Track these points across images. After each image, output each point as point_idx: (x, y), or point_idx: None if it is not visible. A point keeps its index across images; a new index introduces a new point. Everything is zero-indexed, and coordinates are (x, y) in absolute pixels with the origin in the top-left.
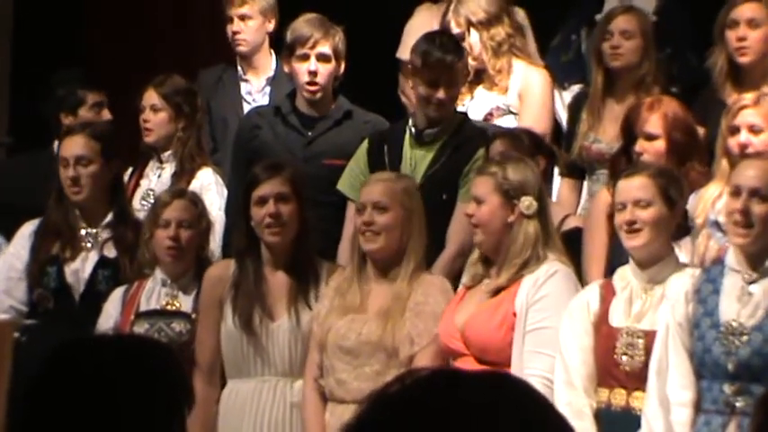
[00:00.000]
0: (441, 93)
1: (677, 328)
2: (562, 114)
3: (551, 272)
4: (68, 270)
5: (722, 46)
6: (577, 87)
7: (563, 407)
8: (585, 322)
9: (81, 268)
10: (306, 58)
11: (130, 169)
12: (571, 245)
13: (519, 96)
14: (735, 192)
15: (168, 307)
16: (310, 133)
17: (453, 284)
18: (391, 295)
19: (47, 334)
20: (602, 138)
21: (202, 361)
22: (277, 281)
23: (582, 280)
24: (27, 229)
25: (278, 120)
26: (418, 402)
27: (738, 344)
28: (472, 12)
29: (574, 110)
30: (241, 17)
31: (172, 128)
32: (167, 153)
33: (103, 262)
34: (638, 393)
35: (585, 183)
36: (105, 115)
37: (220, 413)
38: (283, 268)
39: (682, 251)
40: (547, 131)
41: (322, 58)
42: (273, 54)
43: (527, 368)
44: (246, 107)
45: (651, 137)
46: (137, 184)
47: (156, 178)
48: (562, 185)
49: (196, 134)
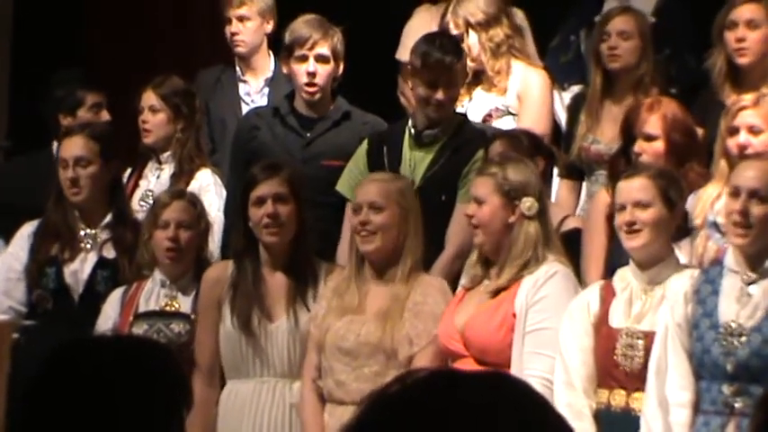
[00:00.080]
0: (440, 94)
1: (676, 329)
2: (561, 115)
3: (551, 273)
4: (67, 271)
5: (721, 47)
6: (577, 88)
7: (563, 408)
8: (585, 323)
9: (80, 269)
10: (304, 59)
11: (129, 170)
12: (570, 246)
13: (518, 97)
14: (734, 193)
15: (167, 308)
16: (309, 134)
17: (452, 286)
18: (389, 296)
19: (46, 335)
20: (600, 139)
21: (202, 362)
22: (275, 281)
23: (581, 281)
24: (26, 230)
25: (276, 121)
26: (417, 403)
27: (737, 345)
28: (471, 13)
29: (573, 111)
30: (240, 18)
31: (170, 129)
32: (166, 154)
33: (102, 263)
34: (637, 394)
35: (584, 184)
36: (104, 116)
37: (220, 414)
38: (282, 269)
39: (682, 252)
40: (546, 132)
41: (321, 59)
42: (272, 55)
43: (527, 369)
44: (245, 108)
45: (650, 138)
46: (135, 185)
47: (155, 179)
48: (561, 186)
49: (195, 135)
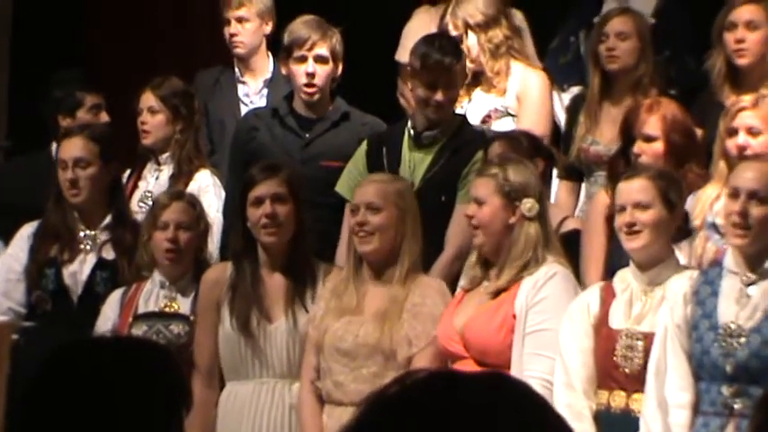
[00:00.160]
0: (439, 95)
1: (675, 330)
2: (561, 116)
3: (551, 274)
4: (66, 272)
5: (720, 48)
6: (576, 89)
7: (562, 408)
8: (585, 324)
9: (79, 270)
10: (303, 60)
11: (128, 171)
12: (569, 247)
13: (517, 98)
14: (733, 194)
15: (166, 309)
16: (308, 135)
17: (452, 287)
18: (387, 297)
19: (45, 336)
20: (599, 140)
21: (201, 364)
22: (274, 282)
23: (580, 282)
24: (26, 231)
25: (275, 121)
26: (417, 404)
27: (736, 346)
28: (470, 14)
29: (572, 112)
30: (238, 19)
31: (169, 130)
32: (165, 155)
33: (102, 264)
34: (637, 395)
35: (583, 185)
36: (103, 117)
37: (219, 415)
38: (280, 270)
39: (681, 253)
40: (545, 133)
41: (319, 60)
42: (271, 56)
43: (527, 370)
44: (244, 109)
45: (650, 138)
46: (134, 186)
47: (154, 180)
48: (560, 188)
49: (194, 136)
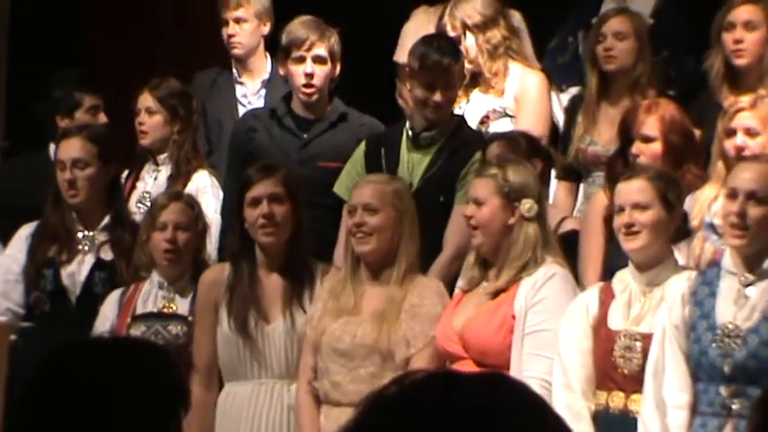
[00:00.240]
0: (437, 95)
1: (674, 331)
2: (559, 117)
3: (549, 274)
4: (65, 273)
5: (719, 48)
6: (575, 90)
7: (561, 409)
8: (584, 325)
9: (77, 271)
10: (302, 61)
11: (126, 172)
12: (568, 247)
13: (515, 99)
14: (731, 194)
15: (165, 309)
16: (306, 135)
17: (450, 287)
18: (385, 297)
19: (43, 336)
20: (597, 140)
21: (200, 365)
22: (272, 283)
23: (578, 282)
24: (24, 232)
25: (273, 122)
26: (415, 404)
27: (734, 346)
28: (468, 15)
29: (570, 113)
30: (236, 20)
31: (167, 131)
32: (163, 156)
33: (100, 264)
34: (635, 396)
35: (582, 185)
36: (101, 118)
37: (218, 416)
38: (278, 270)
39: (680, 253)
40: (544, 134)
41: (318, 60)
42: (269, 57)
43: (525, 370)
44: (242, 110)
45: (648, 139)
46: (132, 187)
47: (152, 181)
48: (559, 188)
49: (192, 137)
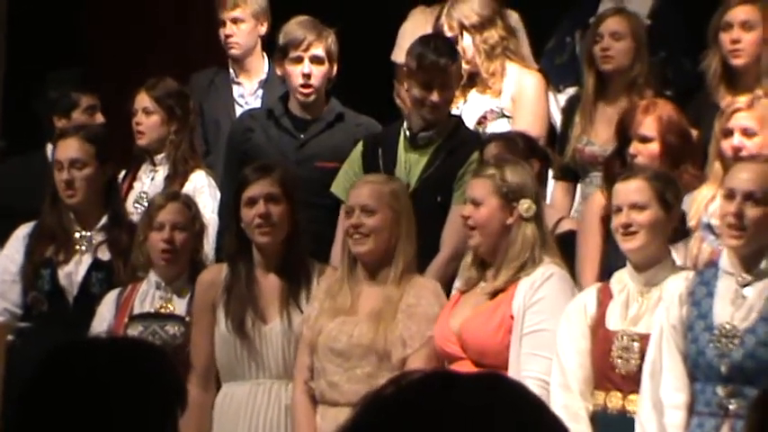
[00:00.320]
0: (435, 95)
1: (671, 331)
2: (557, 117)
3: (548, 274)
4: (62, 273)
5: (716, 49)
6: (572, 90)
7: (559, 410)
8: (582, 325)
9: (74, 271)
10: (299, 61)
11: (123, 172)
12: (565, 247)
13: (512, 100)
14: (729, 195)
15: (162, 310)
16: (303, 136)
17: (447, 288)
18: (382, 297)
19: (41, 337)
20: (594, 140)
21: (197, 365)
22: (269, 283)
23: (576, 282)
24: (22, 232)
25: (270, 122)
26: (413, 405)
27: (732, 346)
28: (465, 15)
29: (567, 113)
30: (233, 20)
31: (164, 131)
32: (160, 156)
33: (97, 265)
34: (633, 396)
35: (579, 186)
36: (98, 118)
37: (215, 417)
38: (275, 270)
39: (678, 254)
40: (541, 135)
41: (315, 61)
42: (266, 57)
43: (524, 370)
44: (239, 110)
45: (645, 139)
46: (129, 187)
47: (150, 181)
48: (556, 188)
49: (189, 137)
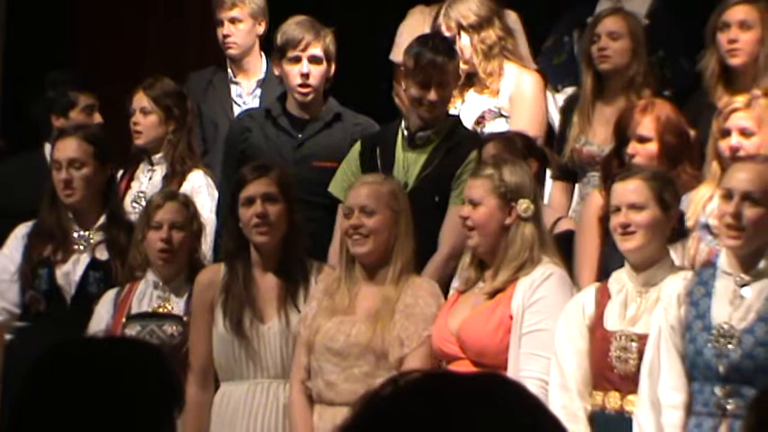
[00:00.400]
0: (432, 94)
1: (669, 331)
2: (555, 117)
3: (547, 274)
4: (59, 272)
5: (714, 49)
6: (570, 90)
7: (557, 410)
8: (581, 325)
9: (72, 271)
10: (297, 61)
11: (121, 172)
12: (563, 247)
13: (510, 99)
14: (727, 195)
15: (160, 309)
16: (300, 135)
17: (445, 287)
18: (380, 297)
19: (38, 336)
20: (592, 140)
21: (195, 365)
22: (267, 283)
23: (574, 282)
24: (20, 231)
25: (268, 122)
26: (411, 405)
27: (730, 347)
28: (463, 15)
29: (565, 113)
30: (231, 20)
31: (162, 130)
32: (158, 155)
33: (95, 264)
34: (631, 397)
35: (577, 186)
36: (96, 118)
37: (213, 416)
38: (273, 270)
39: (676, 254)
40: (539, 134)
41: (314, 60)
42: (264, 56)
43: (523, 370)
44: (237, 110)
45: (643, 139)
46: (127, 187)
47: (147, 181)
48: (554, 188)
49: (186, 136)
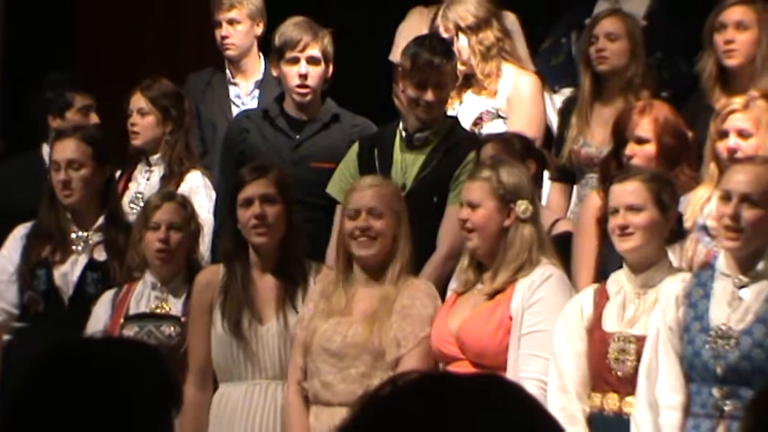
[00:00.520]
0: (429, 95)
1: (667, 332)
2: (553, 118)
3: (546, 275)
4: (57, 273)
5: (711, 50)
6: (568, 91)
7: (556, 411)
8: (579, 327)
9: (70, 271)
10: (296, 62)
11: (118, 172)
12: (561, 249)
13: (508, 100)
14: (725, 196)
15: (158, 310)
16: (298, 136)
17: (443, 287)
18: (377, 298)
19: (36, 337)
20: (591, 141)
21: (194, 366)
22: (265, 284)
23: (572, 283)
24: (19, 232)
25: (266, 123)
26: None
27: (727, 348)
28: (461, 16)
29: (564, 114)
30: (229, 22)
31: (159, 131)
32: (156, 156)
33: (92, 265)
34: (630, 398)
35: (575, 187)
36: (93, 118)
37: (211, 417)
38: (271, 271)
39: (675, 255)
40: (537, 136)
41: (312, 61)
42: (262, 57)
43: (522, 371)
44: (235, 110)
45: (642, 140)
46: (125, 188)
47: (145, 181)
48: (552, 190)
49: (184, 137)
